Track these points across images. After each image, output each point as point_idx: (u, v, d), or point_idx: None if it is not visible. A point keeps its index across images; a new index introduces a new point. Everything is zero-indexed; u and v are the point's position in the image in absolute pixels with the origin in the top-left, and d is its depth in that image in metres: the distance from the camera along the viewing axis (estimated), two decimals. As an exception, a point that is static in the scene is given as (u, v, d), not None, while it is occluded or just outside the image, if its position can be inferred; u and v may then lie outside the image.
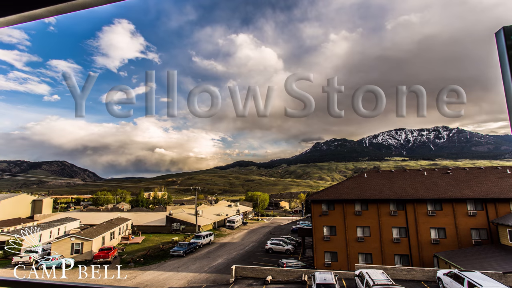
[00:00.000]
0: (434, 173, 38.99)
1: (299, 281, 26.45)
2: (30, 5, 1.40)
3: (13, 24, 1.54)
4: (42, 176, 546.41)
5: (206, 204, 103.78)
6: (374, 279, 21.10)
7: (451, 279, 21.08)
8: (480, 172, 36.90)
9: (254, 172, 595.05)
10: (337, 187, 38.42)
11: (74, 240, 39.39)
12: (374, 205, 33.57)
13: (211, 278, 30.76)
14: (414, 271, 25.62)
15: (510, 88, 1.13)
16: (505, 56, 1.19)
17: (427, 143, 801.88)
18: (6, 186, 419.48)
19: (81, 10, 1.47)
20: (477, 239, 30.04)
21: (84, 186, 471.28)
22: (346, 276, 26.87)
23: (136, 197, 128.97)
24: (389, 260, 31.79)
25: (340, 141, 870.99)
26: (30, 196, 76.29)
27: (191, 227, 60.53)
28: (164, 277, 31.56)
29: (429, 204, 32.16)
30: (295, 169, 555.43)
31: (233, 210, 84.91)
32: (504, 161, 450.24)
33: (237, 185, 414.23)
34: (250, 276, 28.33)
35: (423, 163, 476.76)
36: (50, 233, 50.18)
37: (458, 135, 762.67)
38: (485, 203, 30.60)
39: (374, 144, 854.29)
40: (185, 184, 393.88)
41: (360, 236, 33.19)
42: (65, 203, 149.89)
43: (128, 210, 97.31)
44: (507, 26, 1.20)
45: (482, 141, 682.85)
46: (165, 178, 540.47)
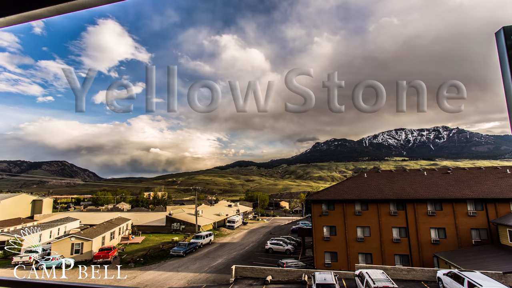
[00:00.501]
0: (434, 173, 38.99)
1: (299, 281, 26.44)
2: (30, 5, 1.40)
3: (13, 24, 1.54)
4: (42, 176, 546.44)
5: (206, 204, 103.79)
6: (374, 279, 21.09)
7: (451, 279, 21.08)
8: (480, 172, 36.90)
9: (254, 172, 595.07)
10: (337, 187, 38.42)
11: (74, 240, 39.38)
12: (374, 205, 33.57)
13: (211, 278, 30.76)
14: (414, 271, 25.62)
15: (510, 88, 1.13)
16: (505, 56, 1.19)
17: (427, 143, 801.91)
18: (6, 186, 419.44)
19: (81, 10, 1.47)
20: (477, 239, 30.04)
21: (84, 186, 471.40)
22: (346, 276, 26.87)
23: (136, 197, 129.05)
24: (389, 260, 31.79)
25: (340, 141, 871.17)
26: (30, 196, 76.28)
27: (191, 227, 60.52)
28: (164, 277, 31.56)
29: (429, 204, 32.15)
30: (295, 169, 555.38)
31: (233, 210, 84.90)
32: (504, 161, 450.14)
33: (237, 185, 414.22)
34: (250, 276, 28.33)
35: (423, 163, 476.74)
36: (50, 233, 50.18)
37: (458, 135, 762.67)
38: (485, 203, 30.60)
39: (374, 144, 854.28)
40: (185, 184, 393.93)
41: (360, 236, 33.18)
42: (65, 203, 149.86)
43: (128, 210, 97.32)
44: (507, 26, 1.20)
45: (482, 141, 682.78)
46: (165, 178, 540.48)
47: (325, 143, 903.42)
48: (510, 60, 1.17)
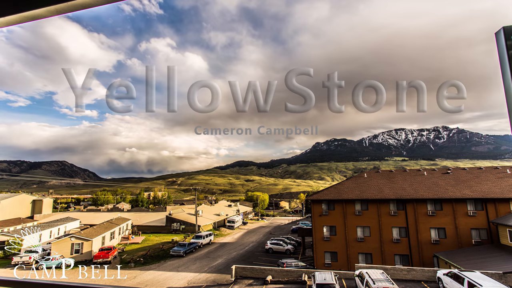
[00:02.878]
0: (434, 173, 38.99)
1: (299, 281, 26.44)
2: (30, 5, 1.40)
3: (13, 24, 1.54)
4: (42, 176, 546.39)
5: (206, 204, 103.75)
6: (374, 279, 21.09)
7: (451, 279, 21.08)
8: (480, 172, 36.90)
9: (254, 172, 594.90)
10: (337, 187, 38.42)
11: (74, 240, 39.38)
12: (374, 205, 33.57)
13: (211, 278, 30.76)
14: (414, 271, 25.62)
15: (510, 88, 1.13)
16: (505, 56, 1.19)
17: (427, 143, 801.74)
18: (6, 186, 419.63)
19: (81, 10, 1.48)
20: (477, 239, 30.04)
21: (84, 186, 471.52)
22: (346, 276, 26.87)
23: (136, 197, 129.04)
24: (389, 260, 31.79)
25: (340, 141, 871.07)
26: (30, 196, 76.23)
27: (191, 227, 60.53)
28: (164, 277, 31.56)
29: (429, 204, 32.16)
30: (295, 169, 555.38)
31: (233, 210, 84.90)
32: (504, 161, 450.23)
33: (237, 185, 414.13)
34: (250, 276, 28.33)
35: (423, 163, 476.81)
36: (50, 233, 50.19)
37: (458, 135, 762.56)
38: (485, 203, 30.60)
39: (374, 144, 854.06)
40: (185, 184, 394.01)
41: (360, 236, 33.18)
42: (65, 203, 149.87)
43: (128, 210, 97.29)
44: (507, 26, 1.20)
45: (482, 141, 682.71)
46: (165, 178, 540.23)
47: (325, 143, 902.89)
48: (510, 60, 1.17)
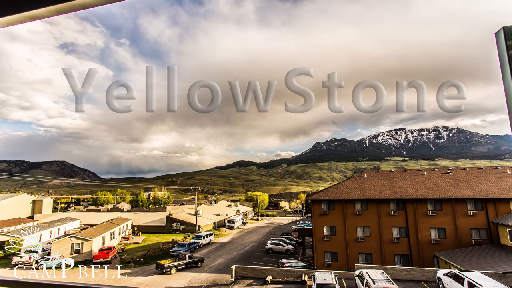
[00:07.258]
0: (434, 173, 38.98)
1: (299, 281, 26.44)
2: (30, 5, 1.40)
3: (13, 24, 1.54)
4: (42, 176, 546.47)
5: (206, 204, 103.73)
6: (374, 279, 21.09)
7: (451, 279, 21.08)
8: (480, 172, 36.89)
9: (254, 172, 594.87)
10: (337, 187, 38.41)
11: (74, 240, 39.37)
12: (374, 205, 33.57)
13: (211, 278, 30.76)
14: (414, 271, 25.62)
15: (510, 88, 1.13)
16: (505, 56, 1.19)
17: (427, 143, 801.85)
18: (6, 186, 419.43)
19: (81, 10, 1.48)
20: (477, 239, 30.03)
21: (84, 186, 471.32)
22: (346, 276, 26.88)
23: (136, 197, 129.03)
24: (389, 260, 31.78)
25: (340, 141, 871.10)
26: (30, 196, 76.22)
27: (191, 227, 60.52)
28: (164, 277, 31.55)
29: (429, 204, 32.15)
30: (295, 169, 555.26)
31: (233, 210, 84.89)
32: (504, 161, 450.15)
33: (237, 185, 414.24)
34: (250, 276, 28.33)
35: (423, 163, 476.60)
36: (50, 233, 50.18)
37: (458, 135, 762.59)
38: (485, 203, 30.59)
39: (374, 144, 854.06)
40: (185, 184, 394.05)
41: (360, 236, 33.18)
42: (65, 203, 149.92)
43: (128, 210, 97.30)
44: (507, 26, 1.20)
45: (482, 141, 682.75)
46: (165, 178, 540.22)
47: (325, 143, 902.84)
48: (510, 60, 1.17)
